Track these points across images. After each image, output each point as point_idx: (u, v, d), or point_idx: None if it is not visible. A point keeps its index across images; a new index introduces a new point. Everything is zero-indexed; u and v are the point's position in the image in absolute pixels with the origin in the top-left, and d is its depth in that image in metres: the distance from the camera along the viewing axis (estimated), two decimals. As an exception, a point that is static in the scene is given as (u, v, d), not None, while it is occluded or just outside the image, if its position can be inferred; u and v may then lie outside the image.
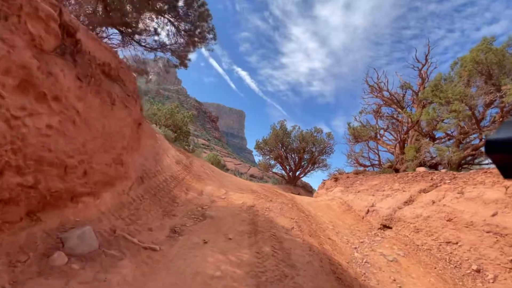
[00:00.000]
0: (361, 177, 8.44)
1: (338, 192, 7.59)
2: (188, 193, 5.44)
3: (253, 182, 16.43)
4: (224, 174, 8.69)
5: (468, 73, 8.68)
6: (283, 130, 21.32)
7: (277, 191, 7.38)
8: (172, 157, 6.35)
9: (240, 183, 8.14)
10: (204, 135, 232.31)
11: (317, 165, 24.10)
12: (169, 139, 18.74)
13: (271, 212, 5.22)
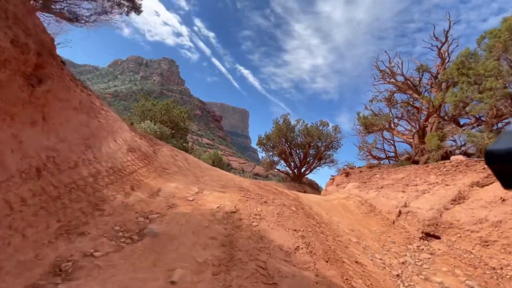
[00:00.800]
0: (377, 171, 7.19)
1: (353, 188, 6.29)
2: (132, 194, 3.77)
3: (248, 179, 15.29)
4: (207, 168, 7.04)
5: (503, 44, 7.30)
6: (286, 125, 20.08)
7: (276, 189, 6.06)
8: (123, 142, 4.79)
9: (226, 178, 6.24)
10: (208, 134, 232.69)
11: (324, 160, 22.80)
12: (166, 136, 17.69)
13: (262, 221, 3.70)
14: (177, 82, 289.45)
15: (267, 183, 17.51)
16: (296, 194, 6.81)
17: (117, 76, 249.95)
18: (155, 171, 4.72)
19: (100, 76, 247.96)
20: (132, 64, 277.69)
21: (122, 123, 5.43)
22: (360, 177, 7.26)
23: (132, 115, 17.49)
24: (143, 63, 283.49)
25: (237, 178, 7.37)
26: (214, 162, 26.85)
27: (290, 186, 19.95)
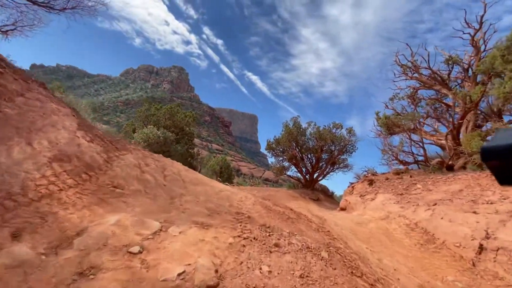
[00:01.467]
0: (416, 179, 5.91)
1: (390, 203, 5.00)
2: (4, 250, 2.02)
3: (256, 187, 14.09)
4: (194, 182, 5.09)
5: None
6: (297, 128, 18.91)
7: (291, 210, 4.62)
8: (47, 146, 3.34)
9: (218, 198, 4.44)
10: (218, 140, 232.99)
11: (337, 165, 21.40)
12: (170, 141, 16.89)
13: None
14: (186, 89, 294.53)
15: (280, 195, 16.24)
16: (319, 216, 5.01)
17: (128, 85, 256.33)
18: (96, 192, 3.05)
19: (113, 85, 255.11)
20: (143, 72, 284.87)
21: (64, 117, 4.16)
22: (390, 186, 6.01)
23: (135, 120, 16.82)
24: (153, 72, 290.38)
25: (236, 194, 5.47)
26: (221, 168, 25.92)
27: (302, 193, 18.69)
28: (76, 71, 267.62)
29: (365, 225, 4.11)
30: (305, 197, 18.08)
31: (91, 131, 4.71)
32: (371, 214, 4.60)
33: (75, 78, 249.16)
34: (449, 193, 4.19)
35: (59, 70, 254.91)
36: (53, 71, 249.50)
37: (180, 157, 16.84)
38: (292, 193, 17.87)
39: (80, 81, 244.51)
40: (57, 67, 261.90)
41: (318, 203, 17.99)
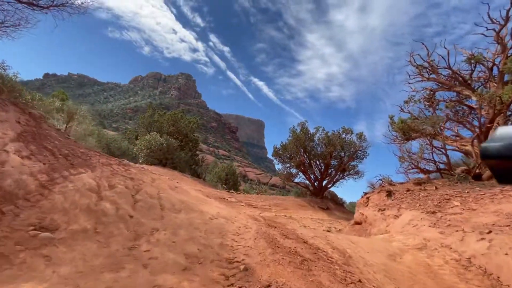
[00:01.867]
0: (449, 194, 5.10)
1: (422, 225, 4.07)
2: None
3: (259, 204, 13.30)
4: (177, 208, 3.76)
5: None
6: (304, 133, 18.19)
7: (306, 248, 3.28)
8: None
9: (209, 229, 3.31)
10: (225, 146, 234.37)
11: (347, 172, 20.51)
12: (173, 148, 16.43)
13: None
14: (194, 95, 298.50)
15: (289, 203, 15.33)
16: (342, 251, 3.41)
17: (137, 92, 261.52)
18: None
19: (122, 92, 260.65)
20: (151, 80, 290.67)
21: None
22: (416, 200, 5.22)
23: (138, 127, 16.46)
24: (161, 79, 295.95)
25: (233, 222, 3.94)
26: (227, 175, 25.28)
27: (311, 202, 17.85)
28: (86, 79, 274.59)
29: (400, 258, 3.27)
30: (314, 206, 17.24)
31: (39, 142, 3.68)
32: (401, 240, 3.80)
33: (85, 86, 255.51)
34: (503, 216, 3.37)
35: (70, 79, 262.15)
36: (65, 80, 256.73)
37: (184, 164, 16.34)
38: (300, 202, 17.06)
39: (91, 89, 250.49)
40: (68, 75, 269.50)
41: (328, 212, 17.11)
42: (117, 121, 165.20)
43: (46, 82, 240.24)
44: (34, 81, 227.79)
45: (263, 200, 15.62)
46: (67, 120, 9.90)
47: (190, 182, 12.83)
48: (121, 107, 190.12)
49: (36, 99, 9.56)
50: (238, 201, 11.71)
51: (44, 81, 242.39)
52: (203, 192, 10.40)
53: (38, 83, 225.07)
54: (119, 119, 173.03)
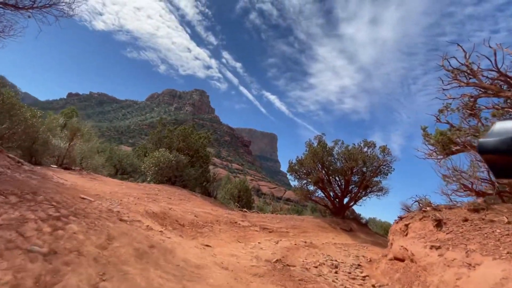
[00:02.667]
0: (506, 225, 3.79)
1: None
2: None
3: (275, 226, 11.78)
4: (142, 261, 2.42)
5: None
6: (322, 147, 16.92)
7: None
8: None
9: None
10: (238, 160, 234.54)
11: (370, 189, 18.82)
12: (183, 165, 15.61)
13: None
14: (207, 111, 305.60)
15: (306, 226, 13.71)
16: None
17: (153, 108, 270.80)
18: None
19: (139, 109, 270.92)
20: (167, 96, 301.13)
21: None
22: (487, 238, 3.88)
23: (148, 143, 15.88)
24: (176, 95, 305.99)
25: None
26: (240, 192, 24.12)
27: (332, 222, 16.25)
28: (106, 98, 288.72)
29: None
30: (336, 228, 15.63)
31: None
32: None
33: (105, 104, 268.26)
34: None
35: (92, 97, 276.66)
36: (87, 99, 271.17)
37: (194, 181, 15.43)
38: (320, 223, 15.50)
39: (110, 107, 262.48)
40: (90, 94, 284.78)
41: (351, 235, 15.44)
42: (133, 137, 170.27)
43: (69, 101, 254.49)
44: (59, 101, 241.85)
45: (279, 221, 14.26)
46: (69, 137, 9.36)
47: (199, 202, 11.82)
48: (137, 123, 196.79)
49: (37, 116, 9.11)
50: (252, 224, 10.50)
51: (68, 100, 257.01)
52: (213, 214, 9.33)
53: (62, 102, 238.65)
54: (136, 135, 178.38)
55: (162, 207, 5.73)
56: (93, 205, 2.94)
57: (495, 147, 0.66)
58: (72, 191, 3.09)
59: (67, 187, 3.15)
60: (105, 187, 7.23)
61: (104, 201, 3.10)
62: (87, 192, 3.14)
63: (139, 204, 4.23)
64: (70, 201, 2.94)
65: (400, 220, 8.47)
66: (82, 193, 3.25)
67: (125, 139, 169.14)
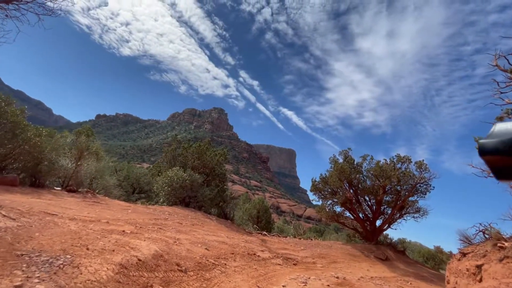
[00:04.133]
0: None
1: None
2: None
3: (299, 254, 9.93)
4: None
5: None
6: (349, 163, 15.30)
7: None
8: None
9: None
10: (256, 176, 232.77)
11: (405, 210, 16.64)
12: (198, 184, 14.66)
13: None
14: (226, 128, 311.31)
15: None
16: None
17: (174, 127, 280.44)
18: None
19: (161, 128, 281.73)
20: (187, 115, 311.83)
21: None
22: None
23: (162, 161, 15.21)
24: (196, 114, 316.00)
25: None
26: (259, 212, 22.64)
27: (364, 250, 14.21)
28: (130, 118, 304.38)
29: None
30: (369, 256, 13.57)
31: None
32: None
33: (129, 124, 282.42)
34: None
35: (117, 118, 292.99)
36: (113, 119, 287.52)
37: (210, 202, 14.35)
38: (351, 250, 13.53)
39: (134, 126, 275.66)
40: (116, 115, 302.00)
41: (388, 265, 13.30)
42: (155, 155, 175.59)
43: (97, 122, 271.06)
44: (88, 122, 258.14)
45: (303, 249, 12.60)
46: (77, 157, 8.79)
47: (214, 227, 10.62)
48: (159, 142, 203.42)
49: (42, 135, 8.64)
50: (273, 255, 9.06)
51: (96, 121, 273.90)
52: (228, 244, 8.07)
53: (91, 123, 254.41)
54: (157, 153, 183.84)
55: (162, 243, 4.62)
56: None
57: (495, 148, 0.66)
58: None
59: None
60: (104, 214, 6.32)
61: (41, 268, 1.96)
62: (38, 240, 2.15)
63: (126, 244, 3.18)
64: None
65: (463, 256, 6.69)
66: (28, 243, 2.21)
67: (147, 157, 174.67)
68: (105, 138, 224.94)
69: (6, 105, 7.59)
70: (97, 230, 3.50)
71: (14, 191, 6.35)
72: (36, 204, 5.23)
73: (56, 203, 6.10)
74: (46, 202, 5.87)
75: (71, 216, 4.61)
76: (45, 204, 5.53)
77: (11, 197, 5.25)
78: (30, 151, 7.97)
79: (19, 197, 5.71)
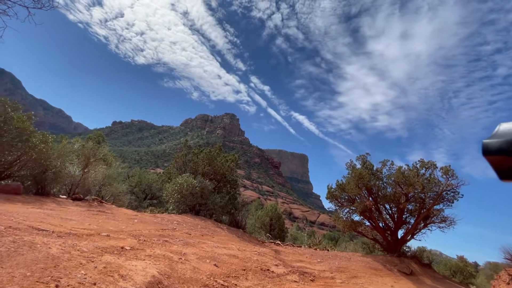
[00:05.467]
0: None
1: None
2: None
3: (315, 267, 9.08)
4: None
5: None
6: (368, 169, 14.37)
7: None
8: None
9: None
10: (268, 181, 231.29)
11: (430, 219, 15.40)
12: (208, 192, 14.19)
13: None
14: (237, 133, 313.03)
15: None
16: None
17: (187, 133, 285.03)
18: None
19: (174, 134, 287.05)
20: (199, 121, 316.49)
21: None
22: None
23: (172, 167, 14.88)
24: (208, 120, 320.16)
25: None
26: (272, 220, 21.90)
27: (386, 262, 13.14)
28: (145, 124, 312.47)
29: None
30: (392, 270, 12.50)
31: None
32: None
33: (144, 130, 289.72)
34: None
35: (132, 125, 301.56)
36: (128, 126, 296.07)
37: (221, 210, 13.81)
38: (371, 263, 12.51)
39: (148, 132, 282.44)
40: (131, 122, 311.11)
41: (414, 280, 12.16)
42: (168, 161, 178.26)
43: (114, 129, 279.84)
44: (105, 129, 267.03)
45: (320, 261, 11.75)
46: (84, 163, 8.54)
47: (224, 238, 10.05)
48: (173, 147, 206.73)
49: (49, 141, 8.43)
50: (289, 269, 8.34)
51: (113, 128, 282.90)
52: (239, 258, 7.46)
53: (107, 130, 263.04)
54: (170, 158, 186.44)
55: (164, 263, 4.09)
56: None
57: (499, 148, 0.66)
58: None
59: None
60: (106, 225, 5.89)
61: None
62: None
63: (116, 269, 2.69)
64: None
65: (511, 277, 5.74)
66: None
67: (161, 163, 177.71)
68: (121, 144, 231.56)
69: (13, 110, 7.41)
70: (87, 250, 3.01)
71: (15, 200, 6.07)
72: (32, 215, 4.87)
73: (57, 213, 5.74)
74: (46, 212, 5.51)
75: (66, 230, 4.17)
76: (43, 215, 5.17)
77: (7, 208, 4.92)
78: (36, 158, 7.72)
79: (18, 207, 5.39)
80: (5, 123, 7.09)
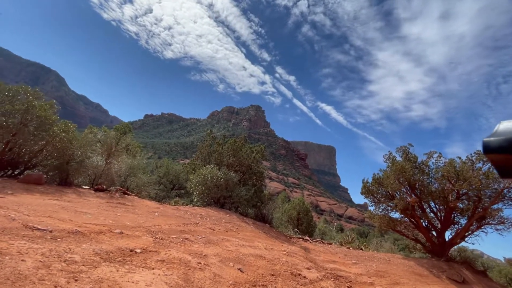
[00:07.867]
0: None
1: None
2: None
3: (351, 270, 7.86)
4: None
5: None
6: (411, 162, 12.69)
7: None
8: None
9: None
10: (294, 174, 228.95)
11: (486, 220, 13.34)
12: (233, 183, 13.63)
13: None
14: (263, 125, 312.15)
15: None
16: None
17: (214, 125, 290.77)
18: None
19: (201, 126, 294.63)
20: (225, 113, 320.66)
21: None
22: None
23: (196, 158, 14.52)
24: (234, 112, 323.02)
25: None
26: (299, 214, 20.95)
27: (433, 267, 11.59)
28: (174, 117, 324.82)
29: None
30: (440, 277, 10.96)
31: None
32: None
33: (173, 123, 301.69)
34: None
35: (163, 117, 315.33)
36: (159, 119, 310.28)
37: (246, 203, 13.19)
38: (415, 267, 11.07)
39: (177, 125, 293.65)
40: (161, 115, 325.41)
41: (467, 290, 10.56)
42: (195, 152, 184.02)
43: (145, 121, 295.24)
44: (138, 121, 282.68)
45: (355, 262, 10.67)
46: (107, 153, 8.33)
47: (250, 233, 9.39)
48: (200, 139, 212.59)
49: (71, 130, 8.27)
50: (322, 274, 7.41)
51: (144, 120, 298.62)
52: (266, 259, 6.71)
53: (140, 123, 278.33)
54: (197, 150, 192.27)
55: (179, 271, 3.42)
56: None
57: (500, 146, 0.65)
58: None
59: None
60: (123, 219, 5.43)
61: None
62: None
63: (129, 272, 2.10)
64: None
65: None
66: None
67: (189, 154, 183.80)
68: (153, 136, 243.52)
69: (35, 99, 7.24)
70: (79, 260, 2.42)
71: (35, 190, 5.90)
72: (43, 208, 4.52)
73: (73, 205, 5.40)
74: (61, 204, 5.20)
75: (72, 228, 3.68)
76: (57, 208, 4.83)
77: (20, 199, 4.66)
78: (59, 148, 7.52)
79: (34, 198, 5.15)
80: (28, 112, 6.93)
